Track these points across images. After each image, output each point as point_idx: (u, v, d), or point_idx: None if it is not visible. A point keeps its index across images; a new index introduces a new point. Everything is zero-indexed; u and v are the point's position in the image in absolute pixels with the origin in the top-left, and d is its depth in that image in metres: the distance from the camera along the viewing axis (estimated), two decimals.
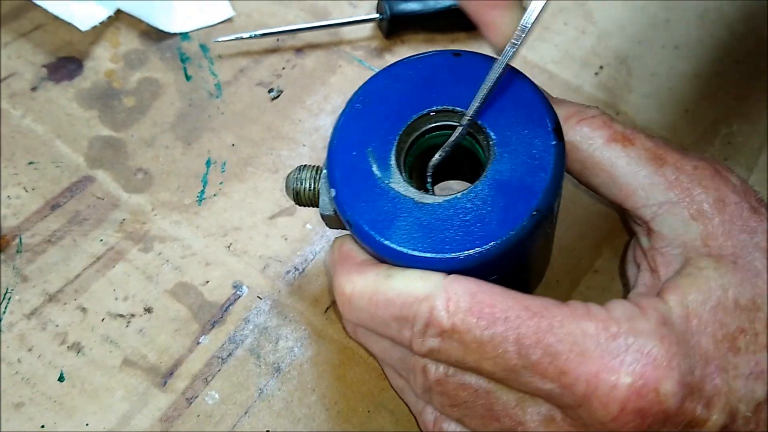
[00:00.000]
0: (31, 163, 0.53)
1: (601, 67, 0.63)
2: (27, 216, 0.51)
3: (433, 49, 0.41)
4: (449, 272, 0.34)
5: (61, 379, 0.45)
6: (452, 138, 0.38)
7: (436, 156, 0.38)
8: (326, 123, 0.57)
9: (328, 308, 0.48)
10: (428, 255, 0.35)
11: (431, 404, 0.37)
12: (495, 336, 0.32)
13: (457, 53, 0.40)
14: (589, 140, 0.40)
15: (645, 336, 0.32)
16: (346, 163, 0.38)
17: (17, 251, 0.49)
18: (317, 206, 0.40)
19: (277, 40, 0.62)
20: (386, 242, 0.35)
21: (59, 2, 0.59)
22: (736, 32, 0.66)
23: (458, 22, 0.63)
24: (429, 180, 0.38)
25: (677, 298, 0.34)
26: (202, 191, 0.53)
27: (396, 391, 0.42)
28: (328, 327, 0.47)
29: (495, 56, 0.38)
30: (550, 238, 0.42)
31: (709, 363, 0.33)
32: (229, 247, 0.51)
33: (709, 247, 0.36)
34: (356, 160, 0.38)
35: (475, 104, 0.37)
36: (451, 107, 0.39)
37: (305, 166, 0.41)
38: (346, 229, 0.40)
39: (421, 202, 0.36)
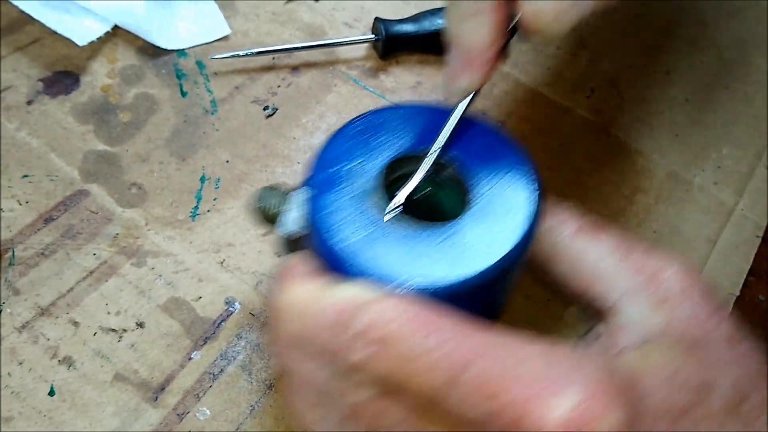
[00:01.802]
0: (25, 176, 0.53)
1: (592, 91, 0.64)
2: (20, 229, 0.51)
3: (428, 72, 0.42)
4: None
5: (51, 393, 0.45)
6: (417, 175, 0.38)
7: (402, 192, 0.38)
8: (321, 141, 0.58)
9: None
10: (379, 275, 0.34)
11: None
12: (430, 349, 0.30)
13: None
14: (556, 230, 0.39)
15: (592, 370, 0.30)
16: (330, 170, 0.38)
17: (10, 264, 0.49)
18: (276, 226, 0.39)
19: (273, 58, 0.63)
20: (343, 252, 0.35)
21: (57, 17, 0.60)
22: (726, 59, 0.67)
23: None
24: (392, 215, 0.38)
25: (629, 362, 0.33)
26: (196, 207, 0.53)
27: (307, 427, 0.38)
28: None
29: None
30: (502, 302, 0.41)
31: (657, 422, 0.31)
32: (222, 263, 0.51)
33: (669, 334, 0.35)
34: (341, 171, 0.38)
35: (440, 141, 0.38)
36: (446, 157, 0.39)
37: (274, 185, 0.40)
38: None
39: (392, 226, 0.36)
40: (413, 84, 0.63)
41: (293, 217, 0.38)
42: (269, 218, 0.40)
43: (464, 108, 0.38)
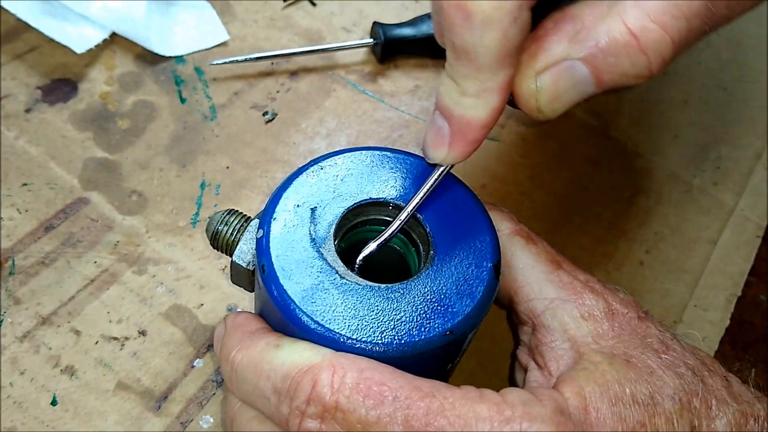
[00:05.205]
0: (25, 184, 0.53)
1: None
2: (20, 238, 0.50)
3: (426, 75, 0.41)
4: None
5: (53, 403, 0.44)
6: (388, 231, 0.37)
7: (371, 246, 0.37)
8: (321, 146, 0.58)
9: None
10: (323, 328, 0.33)
11: None
12: (382, 417, 0.31)
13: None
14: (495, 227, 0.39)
15: (540, 421, 0.31)
16: (286, 211, 0.37)
17: (10, 273, 0.49)
18: (230, 255, 0.38)
19: (272, 63, 0.63)
20: (289, 296, 0.34)
21: (54, 25, 0.60)
22: (723, 60, 0.68)
23: None
24: (356, 271, 0.37)
25: (574, 389, 0.33)
26: (197, 214, 0.53)
27: None
28: None
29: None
30: (452, 366, 0.40)
31: None
32: (223, 269, 0.51)
33: (600, 345, 0.36)
34: (297, 213, 0.37)
35: (415, 200, 0.37)
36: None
37: (235, 211, 0.39)
38: (247, 288, 0.39)
39: (344, 278, 0.35)
40: (412, 88, 0.63)
41: (248, 249, 0.37)
42: (223, 245, 0.39)
43: (444, 173, 0.37)
